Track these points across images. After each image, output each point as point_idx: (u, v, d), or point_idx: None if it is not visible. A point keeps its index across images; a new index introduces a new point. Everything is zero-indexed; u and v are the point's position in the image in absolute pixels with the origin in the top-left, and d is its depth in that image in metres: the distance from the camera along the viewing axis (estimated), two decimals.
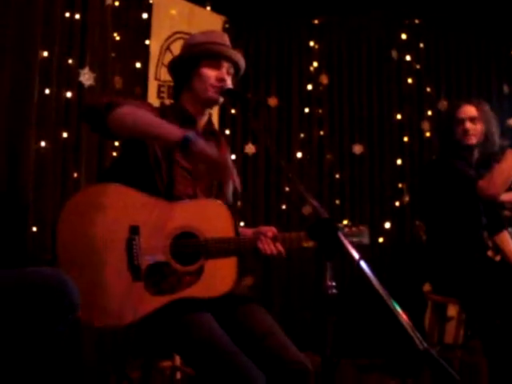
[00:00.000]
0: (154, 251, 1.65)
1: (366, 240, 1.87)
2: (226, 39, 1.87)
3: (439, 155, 2.85)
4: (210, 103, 1.84)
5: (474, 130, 2.63)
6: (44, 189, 2.48)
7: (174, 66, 1.87)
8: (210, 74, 1.78)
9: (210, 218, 1.71)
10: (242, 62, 1.87)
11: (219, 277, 1.68)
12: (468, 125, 2.62)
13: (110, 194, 1.68)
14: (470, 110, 2.66)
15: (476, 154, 2.67)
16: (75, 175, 2.69)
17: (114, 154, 2.93)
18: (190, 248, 1.68)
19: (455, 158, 2.64)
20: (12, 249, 2.33)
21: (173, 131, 1.58)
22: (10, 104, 2.33)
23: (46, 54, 2.51)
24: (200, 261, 1.68)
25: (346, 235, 1.81)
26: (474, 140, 2.63)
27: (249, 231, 1.87)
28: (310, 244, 1.77)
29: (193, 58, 1.79)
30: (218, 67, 1.79)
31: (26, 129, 2.38)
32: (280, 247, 1.75)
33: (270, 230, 1.77)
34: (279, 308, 3.72)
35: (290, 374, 1.66)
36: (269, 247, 1.73)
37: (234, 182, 1.77)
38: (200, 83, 1.78)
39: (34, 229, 2.43)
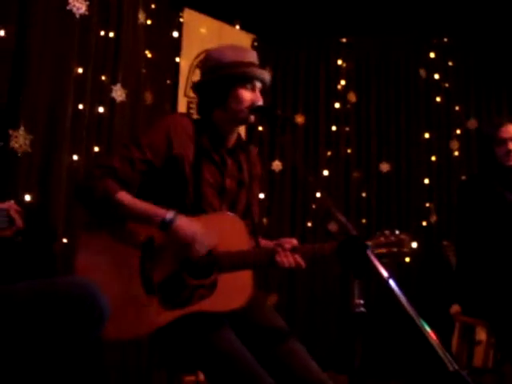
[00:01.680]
0: (166, 264, 1.67)
1: (406, 249, 1.83)
2: (255, 57, 1.90)
3: (478, 175, 2.77)
4: (245, 123, 1.89)
5: None
6: (75, 202, 2.52)
7: (205, 84, 1.88)
8: (247, 96, 1.81)
9: (224, 231, 1.71)
10: (269, 80, 1.90)
11: (233, 291, 1.67)
12: (511, 145, 2.56)
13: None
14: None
15: None
16: None
17: None
18: (203, 261, 1.68)
19: (495, 179, 2.56)
20: (42, 260, 2.38)
21: (154, 217, 1.65)
22: (46, 118, 2.40)
23: (80, 70, 2.57)
24: (213, 274, 1.68)
25: (382, 245, 1.80)
26: None
27: (270, 243, 1.86)
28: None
29: (228, 78, 1.81)
30: (252, 89, 1.82)
31: (61, 142, 2.44)
32: (299, 259, 1.70)
33: (289, 242, 1.73)
34: (303, 326, 3.69)
35: None
36: (287, 260, 1.69)
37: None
38: (237, 105, 1.80)
39: (65, 240, 2.47)
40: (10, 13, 2.25)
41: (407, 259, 3.67)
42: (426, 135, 3.88)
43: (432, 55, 3.92)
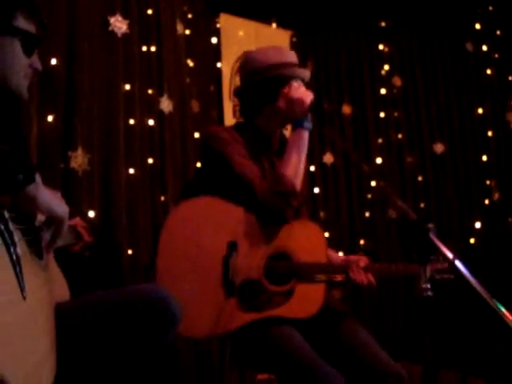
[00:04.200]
0: (248, 269, 1.70)
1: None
2: (295, 57, 1.90)
3: None
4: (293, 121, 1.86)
5: None
6: (135, 213, 2.61)
7: (250, 86, 1.86)
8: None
9: (305, 240, 1.75)
10: (309, 78, 1.91)
11: (307, 300, 1.71)
12: None
13: (213, 207, 1.74)
14: None
15: None
16: (162, 199, 2.81)
17: None
18: (283, 269, 1.72)
19: None
20: (110, 272, 2.47)
21: (298, 137, 1.75)
22: (101, 136, 2.50)
23: (128, 86, 2.66)
24: (291, 283, 1.71)
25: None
26: None
27: (338, 258, 1.91)
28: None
29: (277, 78, 1.80)
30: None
31: (117, 158, 2.53)
32: (371, 277, 1.75)
33: (362, 260, 1.78)
34: (370, 317, 3.65)
35: (384, 381, 1.63)
36: (360, 277, 1.74)
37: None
38: (287, 104, 1.79)
39: (130, 251, 2.55)
40: (59, 41, 2.36)
41: (472, 240, 3.60)
42: (480, 110, 3.74)
43: (478, 26, 3.78)
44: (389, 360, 1.67)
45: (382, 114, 3.84)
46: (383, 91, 3.84)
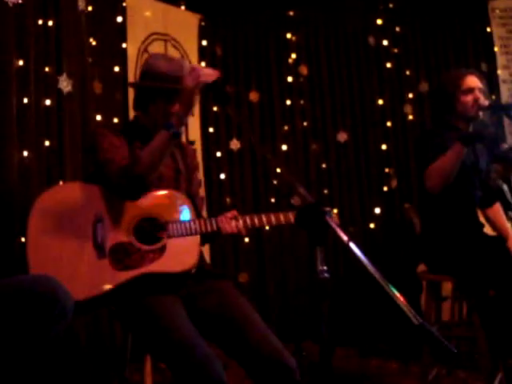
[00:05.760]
0: (117, 233, 1.77)
1: None
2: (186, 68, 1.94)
3: (432, 127, 2.70)
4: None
5: (483, 101, 2.44)
6: (29, 199, 2.46)
7: (135, 87, 2.03)
8: (169, 108, 1.89)
9: (170, 205, 1.86)
10: None
11: (182, 254, 1.79)
12: (478, 94, 2.44)
13: (75, 191, 1.84)
14: (477, 80, 2.49)
15: (471, 128, 2.45)
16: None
17: None
18: (152, 228, 1.80)
19: (448, 129, 2.49)
20: (0, 259, 2.32)
21: (162, 136, 1.75)
22: None
23: (21, 62, 2.48)
24: (162, 240, 1.80)
25: None
26: (480, 112, 2.44)
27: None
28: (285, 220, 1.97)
29: (153, 89, 1.90)
30: (172, 103, 1.89)
31: (9, 138, 2.36)
32: (239, 225, 1.88)
33: (231, 212, 1.93)
34: (276, 300, 3.73)
35: (270, 369, 1.67)
36: (229, 225, 1.87)
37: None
38: (158, 111, 1.90)
39: (23, 239, 2.40)
40: None
41: (372, 225, 3.78)
42: (380, 101, 3.92)
43: (379, 22, 3.94)
44: (275, 343, 1.71)
45: (288, 102, 3.90)
46: (290, 79, 3.91)
